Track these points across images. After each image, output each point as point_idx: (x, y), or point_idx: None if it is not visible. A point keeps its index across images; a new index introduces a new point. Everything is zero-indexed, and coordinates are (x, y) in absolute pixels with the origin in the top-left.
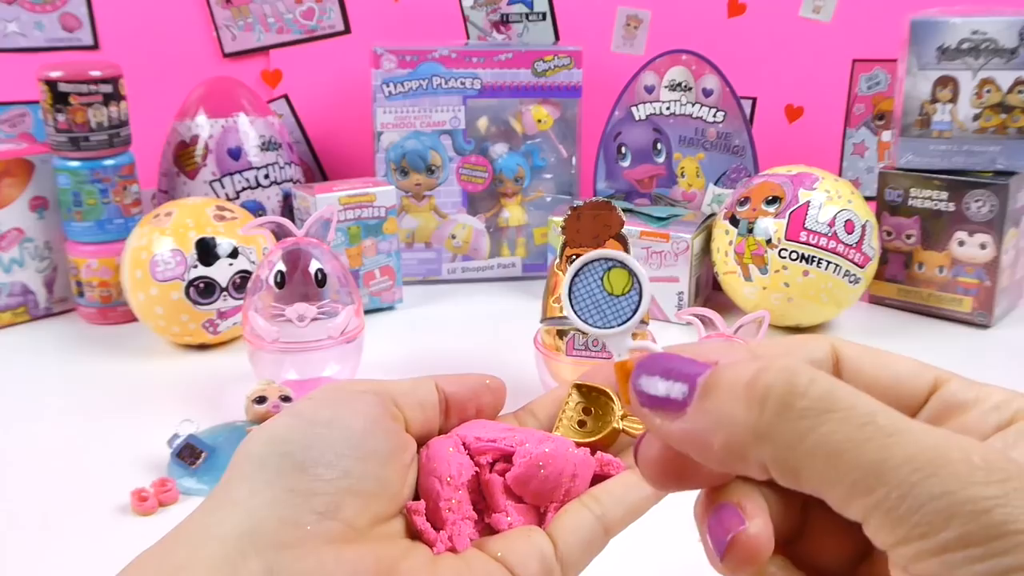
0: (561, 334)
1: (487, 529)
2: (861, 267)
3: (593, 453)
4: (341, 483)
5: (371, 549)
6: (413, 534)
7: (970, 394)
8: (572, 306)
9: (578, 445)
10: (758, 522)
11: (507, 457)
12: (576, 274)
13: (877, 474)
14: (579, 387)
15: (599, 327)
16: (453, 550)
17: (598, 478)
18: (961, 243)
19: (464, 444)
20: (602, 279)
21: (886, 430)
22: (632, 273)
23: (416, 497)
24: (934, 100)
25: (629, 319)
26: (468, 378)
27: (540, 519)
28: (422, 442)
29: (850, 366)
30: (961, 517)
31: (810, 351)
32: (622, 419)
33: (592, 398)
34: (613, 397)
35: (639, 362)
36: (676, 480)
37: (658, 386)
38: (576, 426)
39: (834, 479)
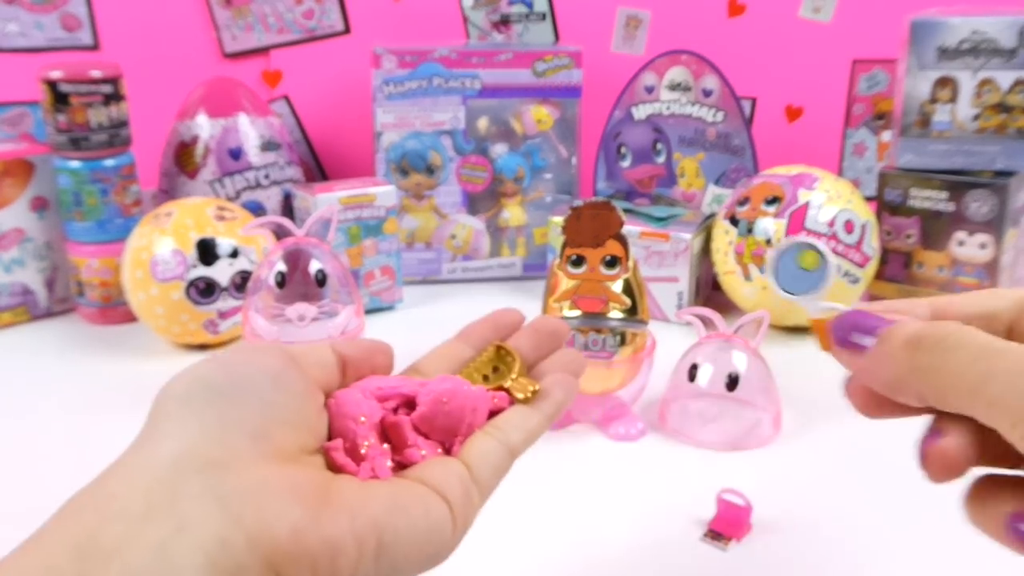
0: None
1: (400, 468)
2: (861, 267)
3: None
4: (267, 412)
5: (304, 469)
6: (334, 473)
7: None
8: (776, 279)
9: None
10: (950, 439)
11: (409, 403)
12: (780, 255)
13: (984, 380)
14: (498, 348)
15: (796, 293)
16: (376, 479)
17: (492, 414)
18: (961, 243)
19: (368, 393)
20: (796, 258)
21: (990, 351)
22: (819, 254)
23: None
24: (934, 100)
25: (818, 287)
26: (361, 341)
27: (447, 455)
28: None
29: None
30: None
31: (992, 303)
32: (513, 380)
33: (502, 359)
34: (518, 361)
35: (837, 318)
36: (876, 408)
37: (849, 334)
38: (481, 378)
39: (970, 396)
